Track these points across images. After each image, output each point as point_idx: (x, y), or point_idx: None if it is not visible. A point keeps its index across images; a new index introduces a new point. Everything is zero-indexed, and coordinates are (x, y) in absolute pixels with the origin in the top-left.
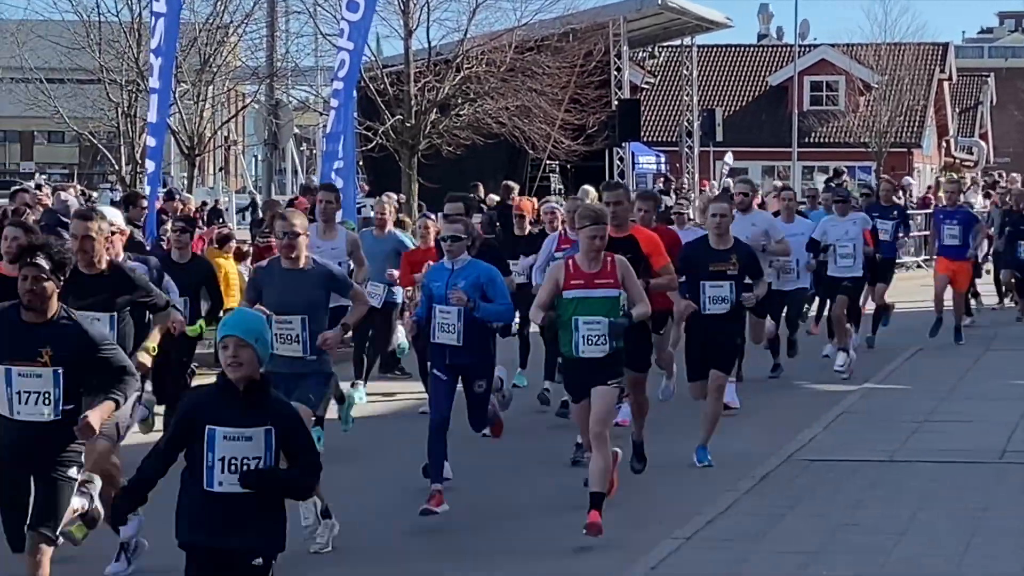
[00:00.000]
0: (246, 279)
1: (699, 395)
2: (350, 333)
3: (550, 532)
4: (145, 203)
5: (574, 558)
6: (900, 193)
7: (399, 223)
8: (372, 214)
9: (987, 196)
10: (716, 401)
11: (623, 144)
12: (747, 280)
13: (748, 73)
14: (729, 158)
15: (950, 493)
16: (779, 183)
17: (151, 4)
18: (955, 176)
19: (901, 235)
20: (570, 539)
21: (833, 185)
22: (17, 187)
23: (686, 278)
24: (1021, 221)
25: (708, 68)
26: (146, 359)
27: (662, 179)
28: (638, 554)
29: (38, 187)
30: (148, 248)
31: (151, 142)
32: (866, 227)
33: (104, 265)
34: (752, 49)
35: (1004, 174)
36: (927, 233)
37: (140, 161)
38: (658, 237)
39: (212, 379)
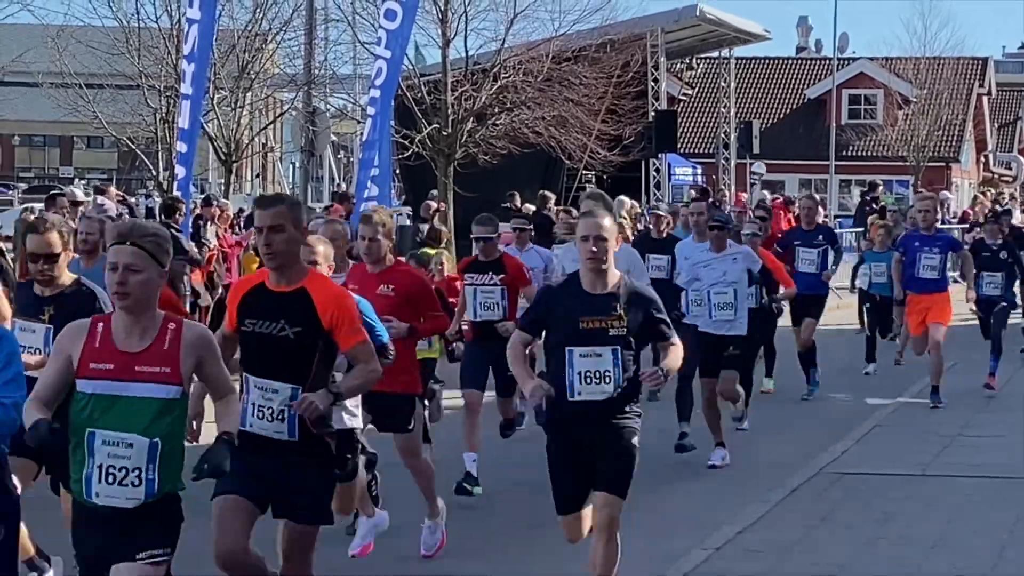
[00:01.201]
0: None
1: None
2: None
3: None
4: (184, 209)
5: None
6: (939, 211)
7: (435, 234)
8: (407, 223)
9: None
10: None
11: (659, 155)
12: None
13: (786, 86)
14: (760, 167)
15: (982, 507)
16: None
17: (187, 10)
18: (926, 193)
19: (832, 265)
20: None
21: (868, 199)
22: (55, 191)
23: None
24: None
25: (746, 80)
26: None
27: (698, 189)
28: (668, 563)
29: (74, 203)
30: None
31: (182, 148)
32: (751, 265)
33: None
34: (790, 62)
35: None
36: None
37: (176, 167)
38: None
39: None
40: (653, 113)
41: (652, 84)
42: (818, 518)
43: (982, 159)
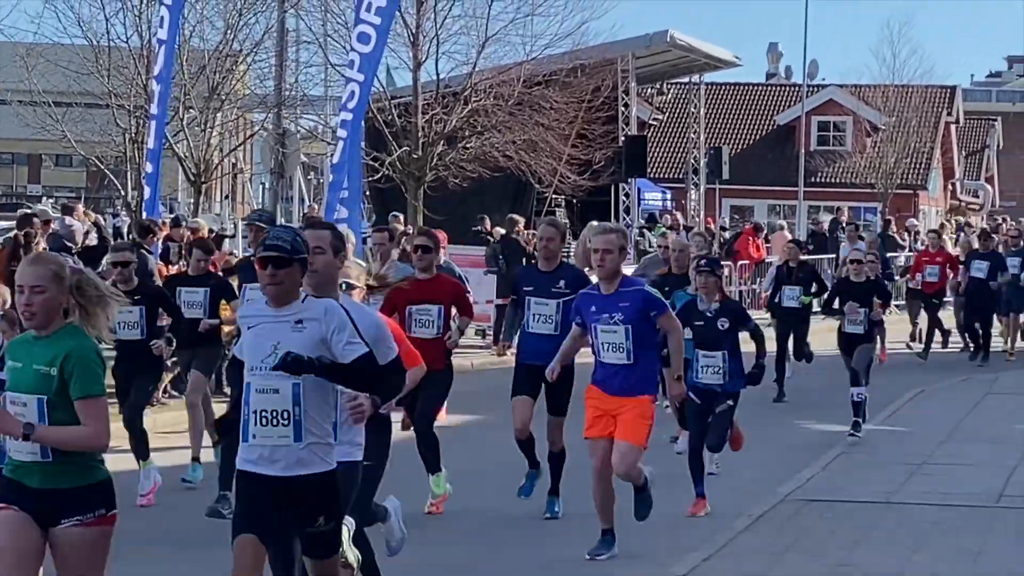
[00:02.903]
0: None
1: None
2: None
3: (550, 565)
4: (159, 232)
5: None
6: (904, 235)
7: (404, 256)
8: (372, 244)
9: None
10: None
11: (629, 180)
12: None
13: (756, 112)
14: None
15: (947, 536)
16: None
17: (157, 31)
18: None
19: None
20: (565, 572)
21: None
22: (26, 211)
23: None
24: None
25: (716, 106)
26: None
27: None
28: None
29: (45, 223)
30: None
31: (149, 168)
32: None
33: None
34: (760, 88)
35: (1007, 218)
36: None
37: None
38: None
39: None
40: (623, 138)
41: (622, 109)
42: (783, 546)
43: (949, 187)
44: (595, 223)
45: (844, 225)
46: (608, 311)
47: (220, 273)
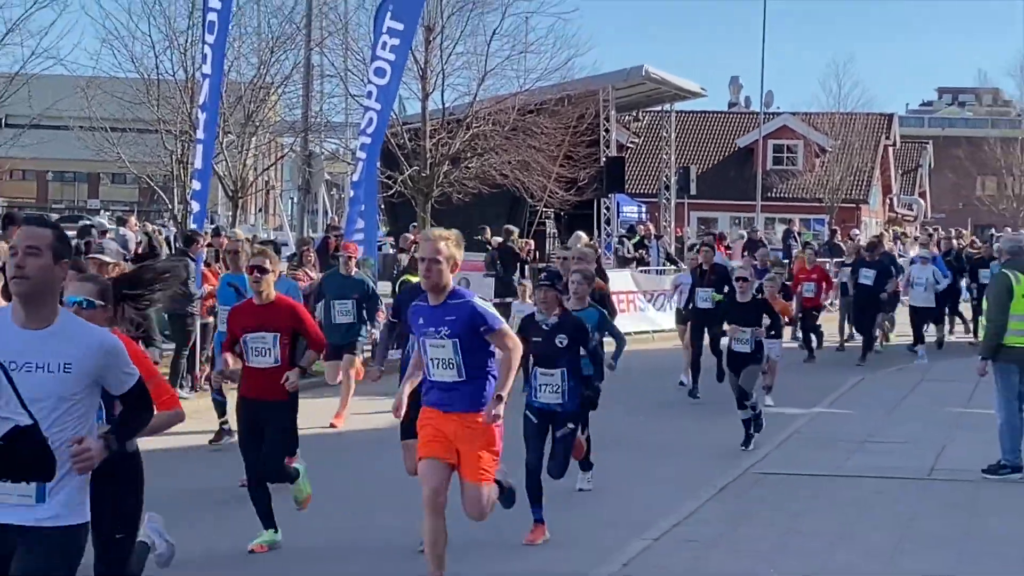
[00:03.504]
0: None
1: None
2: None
3: (528, 531)
4: (203, 241)
5: (550, 556)
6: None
7: (414, 263)
8: (391, 251)
9: (923, 246)
10: None
11: (609, 195)
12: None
13: (719, 136)
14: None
15: (884, 505)
16: (743, 232)
17: (201, 66)
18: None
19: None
20: (552, 536)
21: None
22: (86, 222)
23: None
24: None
25: (684, 131)
26: None
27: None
28: (610, 552)
29: (102, 232)
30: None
31: (196, 186)
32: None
33: None
34: (723, 115)
35: (939, 228)
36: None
37: (189, 202)
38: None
39: None
40: (604, 159)
41: (604, 133)
42: (743, 513)
43: (887, 201)
44: (580, 233)
45: (797, 235)
46: (435, 324)
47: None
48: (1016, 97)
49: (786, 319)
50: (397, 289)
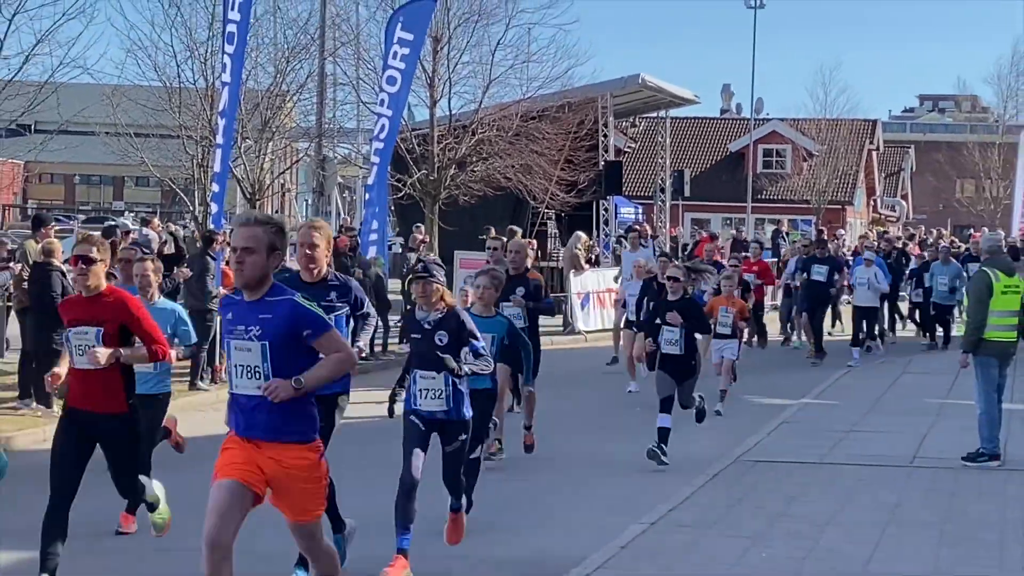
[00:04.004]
0: None
1: None
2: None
3: (529, 516)
4: (221, 239)
5: (551, 540)
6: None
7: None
8: (400, 251)
9: (905, 246)
10: None
11: (608, 197)
12: None
13: (712, 141)
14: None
15: (869, 491)
16: (734, 232)
17: (221, 74)
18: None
19: None
20: (549, 521)
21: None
22: (111, 223)
23: None
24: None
25: (679, 136)
26: None
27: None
28: (611, 535)
29: (125, 233)
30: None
31: (215, 188)
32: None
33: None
34: (715, 121)
35: (923, 228)
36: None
37: (209, 203)
38: None
39: None
40: (603, 162)
41: (602, 139)
42: (735, 498)
43: (871, 202)
44: (580, 233)
45: (785, 234)
46: (245, 323)
47: None
48: (993, 104)
49: (743, 320)
50: (406, 287)
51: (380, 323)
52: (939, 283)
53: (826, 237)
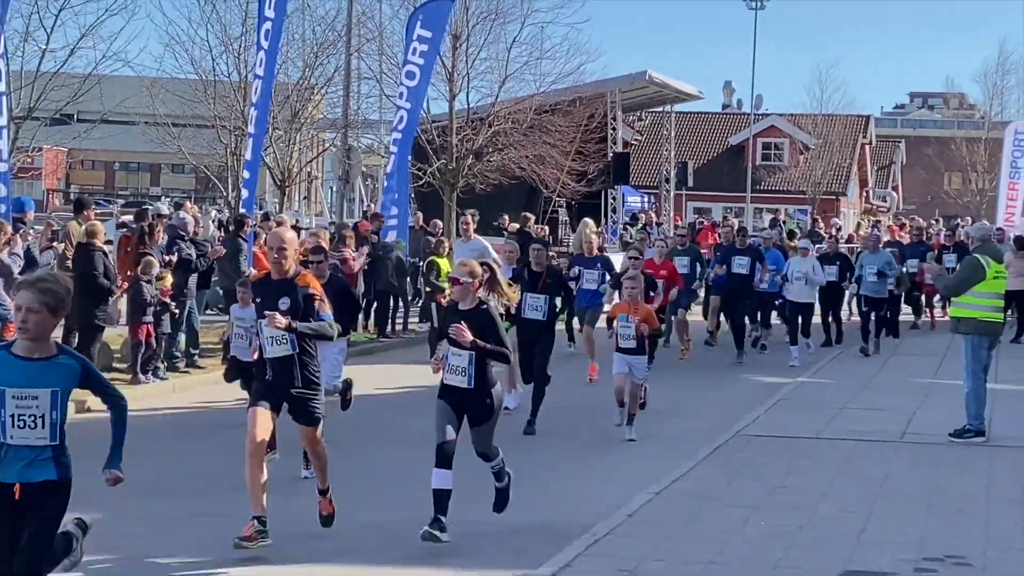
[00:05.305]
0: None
1: None
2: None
3: (540, 487)
4: (251, 223)
5: (560, 509)
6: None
7: (439, 246)
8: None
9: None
10: None
11: (616, 187)
12: None
13: (714, 134)
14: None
15: (861, 464)
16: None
17: (254, 68)
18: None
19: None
20: (560, 492)
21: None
22: (146, 206)
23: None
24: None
25: (683, 130)
26: None
27: (642, 215)
28: (618, 504)
29: (158, 216)
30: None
31: (246, 175)
32: None
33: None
34: (717, 116)
35: (913, 217)
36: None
37: (241, 189)
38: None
39: None
40: (611, 154)
41: (611, 131)
42: (735, 471)
43: (864, 193)
44: (589, 220)
45: (782, 223)
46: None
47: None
48: (980, 101)
49: (652, 330)
50: (425, 269)
51: (400, 303)
52: (868, 273)
53: (821, 227)
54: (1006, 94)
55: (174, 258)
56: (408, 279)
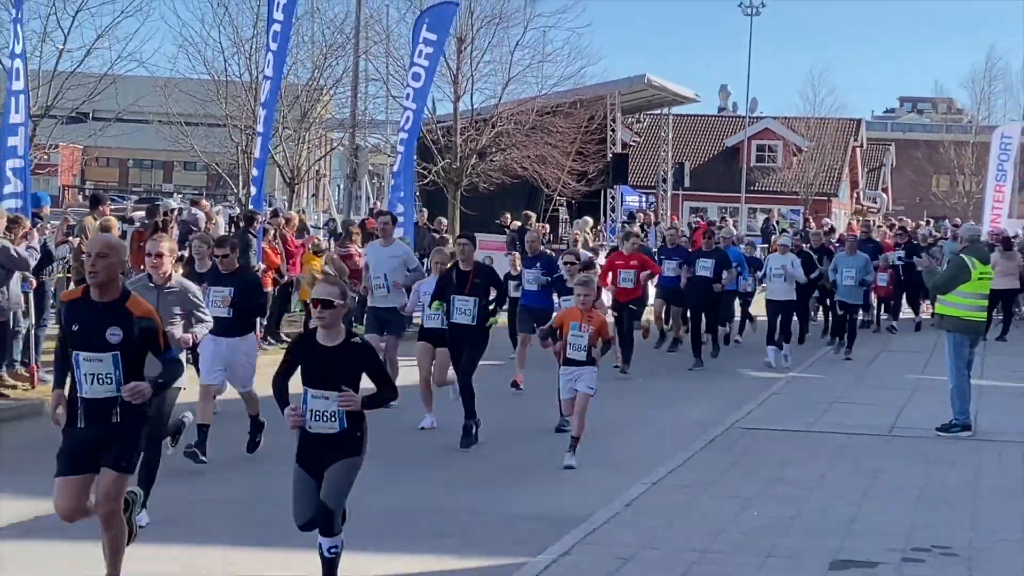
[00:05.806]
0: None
1: None
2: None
3: (538, 477)
4: (260, 219)
5: (560, 497)
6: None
7: (443, 242)
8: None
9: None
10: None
11: (615, 187)
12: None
13: (710, 136)
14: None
15: (852, 457)
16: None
17: (263, 69)
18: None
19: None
20: (557, 481)
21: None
22: (157, 202)
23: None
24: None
25: (680, 131)
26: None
27: (641, 215)
28: (616, 494)
29: (167, 212)
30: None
31: (254, 172)
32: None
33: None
34: (713, 118)
35: (901, 219)
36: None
37: (251, 186)
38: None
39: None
40: (610, 155)
41: (610, 133)
42: (730, 462)
43: (855, 195)
44: (587, 218)
45: (775, 222)
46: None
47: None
48: (968, 106)
49: (605, 341)
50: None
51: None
52: (844, 276)
53: (813, 226)
54: (993, 99)
55: (185, 253)
56: None
